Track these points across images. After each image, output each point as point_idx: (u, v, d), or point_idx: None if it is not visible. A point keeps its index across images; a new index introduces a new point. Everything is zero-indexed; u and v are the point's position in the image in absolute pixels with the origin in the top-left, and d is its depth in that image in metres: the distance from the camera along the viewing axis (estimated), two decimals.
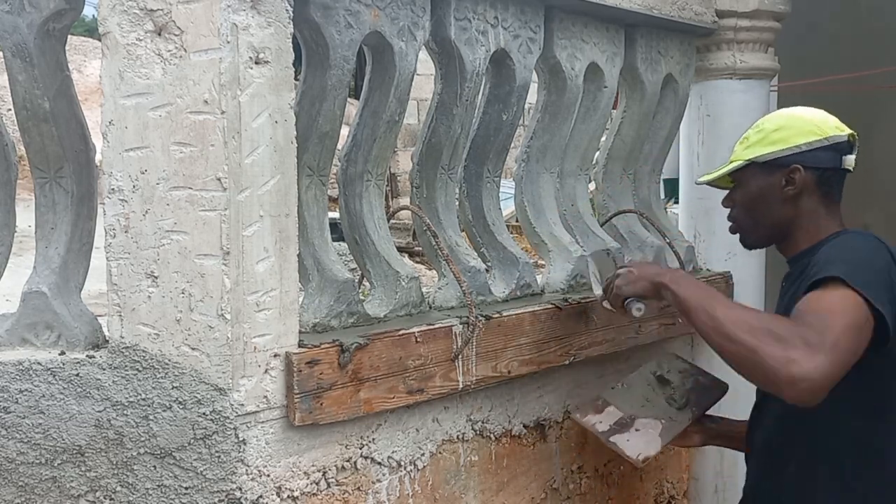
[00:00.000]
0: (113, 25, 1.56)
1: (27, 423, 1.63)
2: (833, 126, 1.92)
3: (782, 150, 1.90)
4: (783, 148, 1.90)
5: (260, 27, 1.58)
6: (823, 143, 1.89)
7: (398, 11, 1.86)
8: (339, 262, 1.88)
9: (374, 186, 1.98)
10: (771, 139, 1.92)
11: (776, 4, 2.73)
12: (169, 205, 1.58)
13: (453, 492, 2.05)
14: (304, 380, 1.67)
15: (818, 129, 1.90)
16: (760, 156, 1.93)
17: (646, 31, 2.53)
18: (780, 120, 1.96)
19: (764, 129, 1.95)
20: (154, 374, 1.60)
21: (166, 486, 1.62)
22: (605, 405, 2.22)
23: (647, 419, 2.19)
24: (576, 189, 2.52)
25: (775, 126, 1.94)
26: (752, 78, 2.77)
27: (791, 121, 1.94)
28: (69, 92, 1.79)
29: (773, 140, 1.92)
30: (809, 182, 1.90)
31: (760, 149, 1.93)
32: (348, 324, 1.86)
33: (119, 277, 1.60)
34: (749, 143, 1.97)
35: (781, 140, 1.91)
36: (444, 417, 2.01)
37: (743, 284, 2.81)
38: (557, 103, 2.34)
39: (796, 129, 1.91)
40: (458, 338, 1.94)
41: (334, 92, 1.80)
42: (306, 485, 1.74)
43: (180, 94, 1.55)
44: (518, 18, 2.14)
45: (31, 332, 1.74)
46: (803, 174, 1.88)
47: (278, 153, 1.63)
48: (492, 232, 2.25)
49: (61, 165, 1.80)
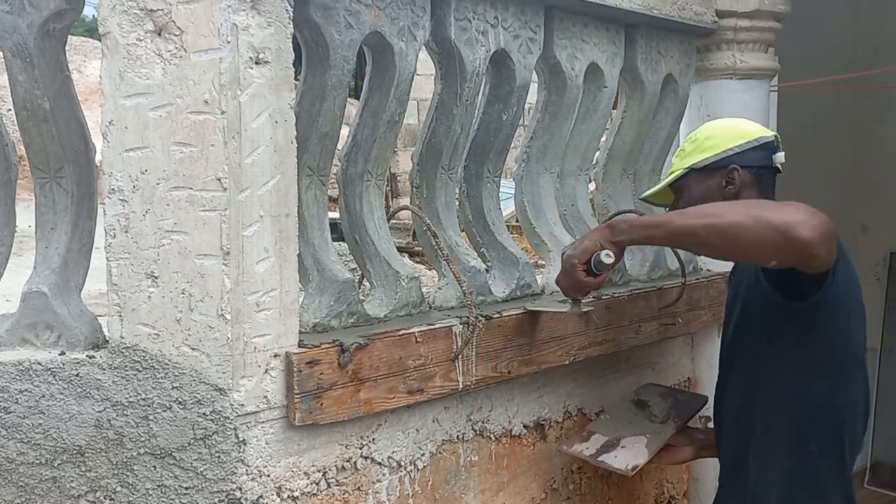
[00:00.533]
0: (113, 25, 1.56)
1: (27, 423, 1.63)
2: (759, 129, 2.10)
3: (717, 154, 2.06)
4: (718, 152, 2.06)
5: (260, 27, 1.58)
6: (754, 144, 2.05)
7: (398, 11, 1.86)
8: (339, 262, 1.88)
9: (374, 186, 1.98)
10: (705, 146, 2.08)
11: (776, 4, 2.73)
12: (169, 205, 1.58)
13: (453, 492, 2.05)
14: (305, 380, 1.67)
15: (746, 133, 2.07)
16: (697, 162, 2.08)
17: (646, 31, 2.53)
18: (710, 129, 2.14)
19: (697, 139, 2.12)
20: (154, 375, 1.60)
21: (166, 486, 1.62)
22: (589, 434, 2.27)
23: (631, 437, 2.24)
24: (576, 189, 2.52)
25: (707, 135, 2.11)
26: (752, 78, 2.77)
27: (720, 129, 2.12)
28: (69, 92, 1.79)
29: (707, 147, 2.08)
30: (747, 180, 2.04)
31: (696, 156, 2.09)
32: (348, 324, 1.86)
33: (119, 277, 1.60)
34: (685, 153, 2.13)
35: (715, 146, 2.07)
36: (444, 417, 2.01)
37: None
38: (557, 103, 2.34)
39: (726, 135, 2.08)
40: (458, 338, 1.94)
41: (334, 92, 1.80)
42: (306, 485, 1.74)
43: (180, 94, 1.55)
44: (518, 18, 2.14)
45: (32, 332, 1.74)
46: (741, 173, 2.03)
47: (278, 153, 1.63)
48: (492, 232, 2.25)
49: (61, 165, 1.80)
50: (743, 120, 2.16)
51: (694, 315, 2.66)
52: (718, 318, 2.77)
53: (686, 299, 2.59)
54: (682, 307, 2.59)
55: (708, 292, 2.71)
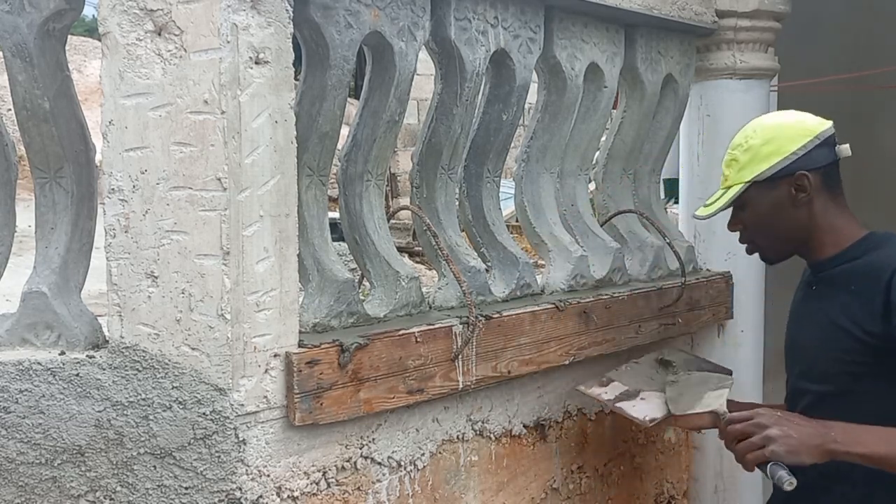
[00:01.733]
0: (113, 25, 1.56)
1: (27, 423, 1.63)
2: (817, 123, 1.92)
3: (780, 162, 1.89)
4: (780, 159, 1.89)
5: (260, 27, 1.58)
6: (817, 143, 1.88)
7: (398, 11, 1.86)
8: (339, 262, 1.88)
9: (374, 186, 1.98)
10: (763, 154, 1.90)
11: (776, 4, 2.73)
12: (169, 205, 1.58)
13: (453, 492, 2.05)
14: (304, 380, 1.67)
15: (806, 130, 1.89)
16: (759, 174, 1.91)
17: (646, 31, 2.53)
18: (764, 133, 1.93)
19: (751, 146, 1.92)
20: (154, 374, 1.60)
21: (166, 486, 1.62)
22: (609, 381, 2.25)
23: (651, 391, 2.20)
24: (576, 189, 2.52)
25: (763, 140, 1.91)
26: (752, 78, 2.77)
27: (776, 131, 1.92)
28: (69, 92, 1.79)
29: (766, 154, 1.90)
30: (816, 184, 1.89)
31: (755, 167, 1.91)
32: (348, 324, 1.86)
33: (119, 277, 1.60)
34: (741, 164, 1.94)
35: (774, 152, 1.89)
36: (444, 417, 2.01)
37: (743, 284, 2.81)
38: (557, 103, 2.34)
39: (785, 136, 1.90)
40: (458, 338, 1.94)
41: (334, 92, 1.80)
42: (306, 485, 1.74)
43: (180, 94, 1.55)
44: (518, 18, 2.14)
45: (31, 332, 1.74)
46: (811, 178, 1.88)
47: (278, 153, 1.63)
48: (492, 232, 2.25)
49: (61, 165, 1.80)
50: (795, 113, 1.96)
51: (694, 315, 2.66)
52: (718, 317, 2.78)
53: (686, 299, 2.59)
54: (682, 307, 2.59)
55: (708, 292, 2.71)
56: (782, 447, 1.68)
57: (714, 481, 2.84)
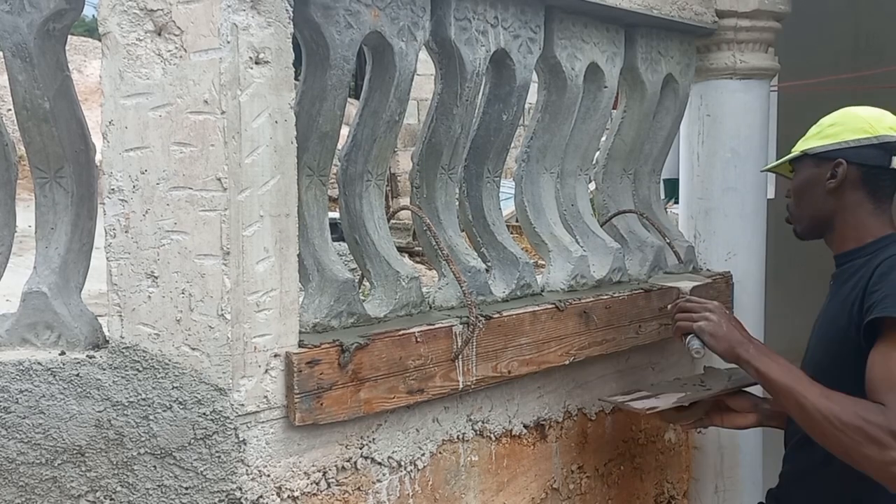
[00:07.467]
0: (113, 25, 1.56)
1: (27, 423, 1.63)
2: (887, 126, 1.97)
3: (831, 145, 1.98)
4: (833, 143, 1.98)
5: (260, 27, 1.58)
6: (872, 141, 1.94)
7: (398, 11, 1.86)
8: (339, 262, 1.88)
9: (374, 186, 1.98)
10: (825, 133, 2.01)
11: (776, 4, 2.73)
12: (169, 205, 1.58)
13: (453, 492, 2.05)
14: (305, 380, 1.67)
15: (870, 127, 1.96)
16: (812, 148, 2.01)
17: (646, 31, 2.53)
18: (837, 116, 2.03)
19: (822, 123, 2.04)
20: (154, 374, 1.60)
21: (166, 486, 1.62)
22: (636, 391, 2.29)
23: (670, 393, 2.23)
24: (576, 189, 2.52)
25: (832, 121, 2.02)
26: (752, 78, 2.77)
27: (846, 117, 2.01)
28: (69, 92, 1.79)
29: (827, 134, 2.00)
30: (853, 177, 1.96)
31: (814, 142, 2.02)
32: (348, 324, 1.86)
33: (119, 277, 1.60)
34: (808, 136, 2.06)
35: (833, 135, 1.99)
36: (444, 417, 2.01)
37: (743, 284, 2.81)
38: (557, 103, 2.34)
39: (849, 125, 1.98)
40: (459, 338, 1.94)
41: (334, 92, 1.80)
42: (306, 485, 1.74)
43: (180, 94, 1.55)
44: (518, 18, 2.14)
45: (32, 332, 1.74)
46: (846, 168, 1.95)
47: (278, 153, 1.63)
48: (492, 232, 2.25)
49: (61, 165, 1.80)
50: (878, 111, 2.02)
51: None
52: None
53: None
54: None
55: (708, 292, 2.71)
56: (709, 326, 1.96)
57: (714, 481, 2.84)
